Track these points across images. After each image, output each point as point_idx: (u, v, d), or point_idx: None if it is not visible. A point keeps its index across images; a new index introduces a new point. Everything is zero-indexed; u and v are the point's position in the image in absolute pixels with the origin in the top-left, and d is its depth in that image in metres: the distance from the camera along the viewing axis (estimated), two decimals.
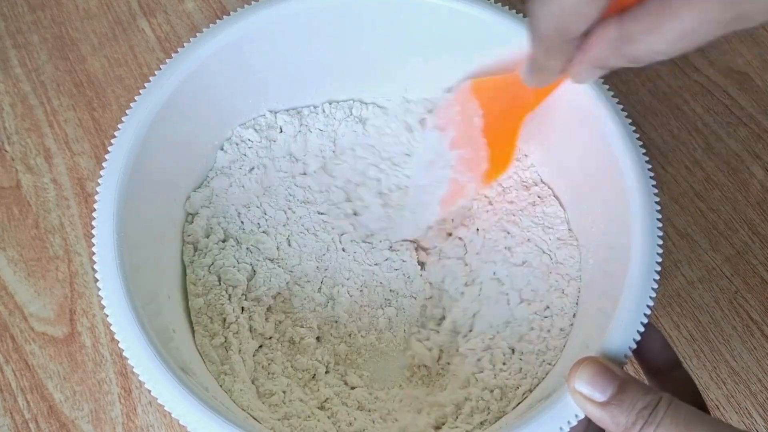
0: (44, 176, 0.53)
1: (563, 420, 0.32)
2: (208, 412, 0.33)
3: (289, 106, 0.48)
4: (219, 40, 0.42)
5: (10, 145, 0.54)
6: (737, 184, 0.52)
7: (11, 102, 0.55)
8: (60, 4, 0.59)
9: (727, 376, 0.47)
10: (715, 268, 0.50)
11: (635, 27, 0.28)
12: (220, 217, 0.45)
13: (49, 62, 0.57)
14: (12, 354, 0.47)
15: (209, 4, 0.59)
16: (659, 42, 0.27)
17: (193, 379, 0.35)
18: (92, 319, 0.48)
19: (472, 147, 0.43)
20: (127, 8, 0.59)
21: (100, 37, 0.58)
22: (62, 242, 0.50)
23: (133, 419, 0.46)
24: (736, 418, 0.46)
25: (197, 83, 0.42)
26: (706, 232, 0.51)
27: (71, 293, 0.49)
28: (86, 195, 0.52)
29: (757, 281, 0.49)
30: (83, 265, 0.50)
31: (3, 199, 0.52)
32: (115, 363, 0.47)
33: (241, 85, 0.45)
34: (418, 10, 0.43)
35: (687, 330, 0.48)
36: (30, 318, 0.48)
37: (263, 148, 0.46)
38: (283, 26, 0.44)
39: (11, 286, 0.49)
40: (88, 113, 0.55)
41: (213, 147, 0.46)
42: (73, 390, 0.47)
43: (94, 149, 0.54)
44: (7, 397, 0.46)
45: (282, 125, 0.47)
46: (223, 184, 0.45)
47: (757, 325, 0.48)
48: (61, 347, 0.48)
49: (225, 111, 0.45)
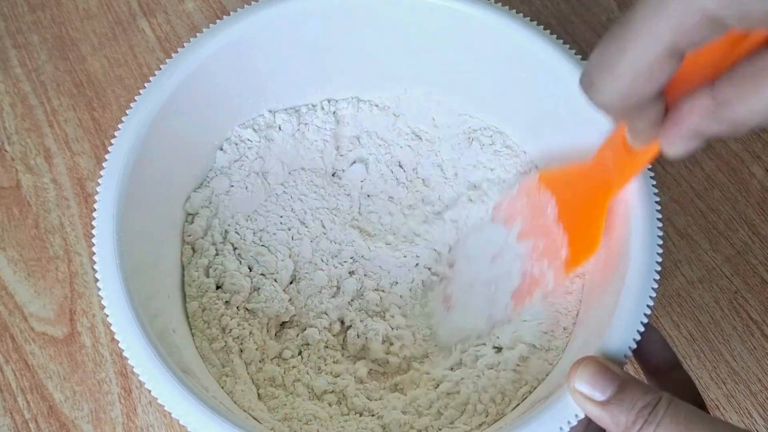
0: (44, 176, 0.53)
1: (563, 420, 0.32)
2: (208, 412, 0.33)
3: (288, 106, 0.48)
4: (219, 40, 0.42)
5: (10, 145, 0.54)
6: (737, 184, 0.52)
7: (11, 102, 0.55)
8: (60, 4, 0.59)
9: (727, 376, 0.47)
10: (715, 268, 0.50)
11: (732, 91, 0.26)
12: (220, 218, 0.45)
13: (49, 62, 0.57)
14: (12, 354, 0.47)
15: (209, 4, 0.59)
16: (761, 105, 0.25)
17: (193, 379, 0.35)
18: (92, 319, 0.48)
19: (546, 235, 0.41)
20: (127, 8, 0.59)
21: (100, 37, 0.58)
22: (62, 242, 0.50)
23: (133, 419, 0.46)
24: (736, 418, 0.46)
25: (197, 83, 0.42)
26: (706, 232, 0.51)
27: (71, 293, 0.49)
28: (86, 195, 0.52)
29: (757, 281, 0.49)
30: (83, 265, 0.50)
31: (3, 199, 0.52)
32: (115, 363, 0.47)
33: (240, 85, 0.45)
34: (416, 10, 0.43)
35: (687, 330, 0.48)
36: (30, 318, 0.48)
37: (263, 148, 0.46)
38: (282, 26, 0.44)
39: (11, 286, 0.49)
40: (88, 113, 0.55)
41: (212, 147, 0.46)
42: (73, 390, 0.47)
43: (94, 149, 0.54)
44: (7, 397, 0.46)
45: (281, 124, 0.47)
46: (223, 185, 0.45)
47: (757, 325, 0.48)
48: (61, 347, 0.48)
49: (224, 111, 0.45)
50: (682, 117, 0.28)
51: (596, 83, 0.27)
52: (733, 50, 0.26)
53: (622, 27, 0.25)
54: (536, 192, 0.42)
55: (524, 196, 0.42)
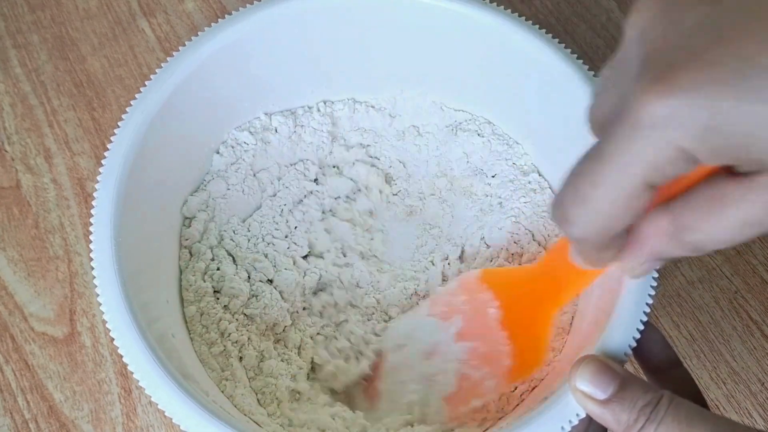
0: (44, 176, 0.53)
1: (564, 419, 0.32)
2: (208, 416, 0.33)
3: (284, 108, 0.48)
4: (218, 40, 0.42)
5: (10, 145, 0.54)
6: None
7: (11, 102, 0.55)
8: (60, 4, 0.59)
9: (727, 376, 0.47)
10: (715, 268, 0.50)
11: (690, 217, 0.25)
12: (217, 222, 0.44)
13: (49, 62, 0.57)
14: (12, 354, 0.47)
15: (209, 4, 0.59)
16: (721, 230, 0.25)
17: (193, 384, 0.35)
18: (92, 319, 0.48)
19: (487, 340, 0.38)
20: (127, 8, 0.59)
21: (100, 37, 0.58)
22: (62, 242, 0.50)
23: (133, 419, 0.46)
24: (736, 418, 0.46)
25: (196, 84, 0.42)
26: None
27: (71, 293, 0.49)
28: (86, 195, 0.52)
29: (757, 281, 0.49)
30: (83, 265, 0.50)
31: (3, 199, 0.52)
32: (115, 363, 0.47)
33: (238, 87, 0.45)
34: (414, 11, 0.43)
35: (687, 330, 0.48)
36: (30, 318, 0.48)
37: (259, 151, 0.46)
38: (282, 26, 0.44)
39: (11, 286, 0.49)
40: (88, 113, 0.55)
41: (209, 150, 0.46)
42: (73, 390, 0.46)
43: (94, 149, 0.54)
44: (7, 397, 0.46)
45: (277, 126, 0.47)
46: (219, 188, 0.45)
47: (757, 325, 0.48)
48: (61, 347, 0.48)
49: (221, 113, 0.45)
50: (642, 241, 0.27)
51: (570, 217, 0.26)
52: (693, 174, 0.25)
53: (592, 161, 0.25)
54: (477, 290, 0.39)
55: (464, 293, 0.40)
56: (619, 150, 0.24)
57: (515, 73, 0.43)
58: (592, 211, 0.25)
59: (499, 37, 0.42)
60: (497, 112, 0.47)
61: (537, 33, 0.42)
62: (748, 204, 0.24)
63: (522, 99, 0.45)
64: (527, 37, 0.42)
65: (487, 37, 0.43)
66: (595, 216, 0.25)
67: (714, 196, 0.25)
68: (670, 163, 0.23)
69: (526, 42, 0.42)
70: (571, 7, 0.58)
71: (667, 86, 0.22)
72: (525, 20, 0.42)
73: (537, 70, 0.42)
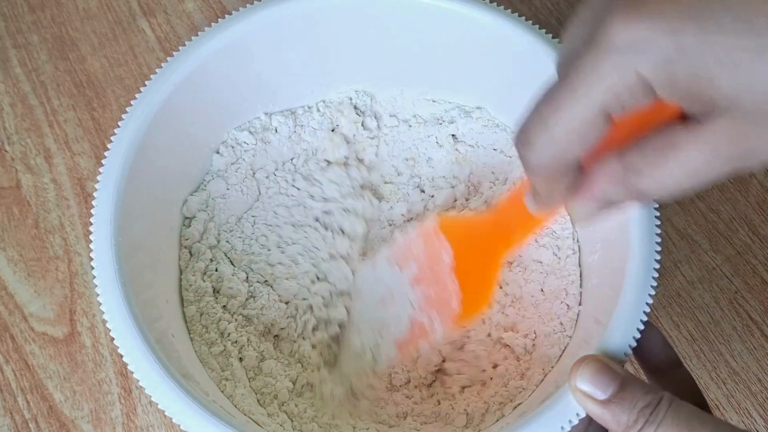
0: (44, 176, 0.53)
1: (564, 419, 0.32)
2: (209, 416, 0.33)
3: (284, 107, 0.48)
4: (218, 40, 0.42)
5: (10, 145, 0.54)
6: (737, 184, 0.53)
7: (11, 102, 0.55)
8: (60, 4, 0.59)
9: (727, 376, 0.47)
10: (715, 268, 0.50)
11: (640, 161, 0.26)
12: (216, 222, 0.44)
13: (49, 62, 0.57)
14: (12, 354, 0.47)
15: (209, 4, 0.59)
16: (667, 176, 0.26)
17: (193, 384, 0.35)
18: (92, 319, 0.48)
19: (439, 284, 0.39)
20: (127, 8, 0.59)
21: (100, 37, 0.58)
22: (62, 242, 0.50)
23: (133, 419, 0.46)
24: (736, 418, 0.46)
25: (196, 84, 0.42)
26: (706, 232, 0.51)
27: (71, 293, 0.49)
28: (86, 195, 0.52)
29: (757, 281, 0.49)
30: (83, 265, 0.50)
31: (3, 199, 0.52)
32: (115, 363, 0.47)
33: (238, 86, 0.45)
34: (413, 11, 0.43)
35: (687, 330, 0.48)
36: (30, 318, 0.48)
37: (259, 151, 0.46)
38: (282, 26, 0.44)
39: (11, 286, 0.49)
40: (88, 113, 0.55)
41: (209, 150, 0.46)
42: (73, 390, 0.46)
43: (94, 149, 0.54)
44: (7, 397, 0.46)
45: (277, 126, 0.47)
46: (219, 188, 0.45)
47: (757, 325, 0.48)
48: (61, 347, 0.48)
49: (221, 113, 0.45)
50: (592, 183, 0.28)
51: (531, 139, 0.27)
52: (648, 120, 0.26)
53: (558, 87, 0.26)
54: (434, 237, 0.40)
55: (422, 240, 0.41)
56: (583, 74, 0.25)
57: (516, 73, 0.43)
58: (551, 134, 0.26)
59: (500, 37, 0.42)
60: (498, 112, 0.47)
61: (537, 33, 0.42)
62: (695, 151, 0.25)
63: (522, 99, 0.44)
64: (527, 37, 0.42)
65: (487, 38, 0.43)
66: (552, 140, 0.26)
67: (665, 143, 0.25)
68: (628, 90, 0.24)
69: (526, 42, 0.42)
70: (571, 7, 0.59)
71: (635, 13, 0.23)
72: (525, 20, 0.42)
73: (537, 70, 0.42)
